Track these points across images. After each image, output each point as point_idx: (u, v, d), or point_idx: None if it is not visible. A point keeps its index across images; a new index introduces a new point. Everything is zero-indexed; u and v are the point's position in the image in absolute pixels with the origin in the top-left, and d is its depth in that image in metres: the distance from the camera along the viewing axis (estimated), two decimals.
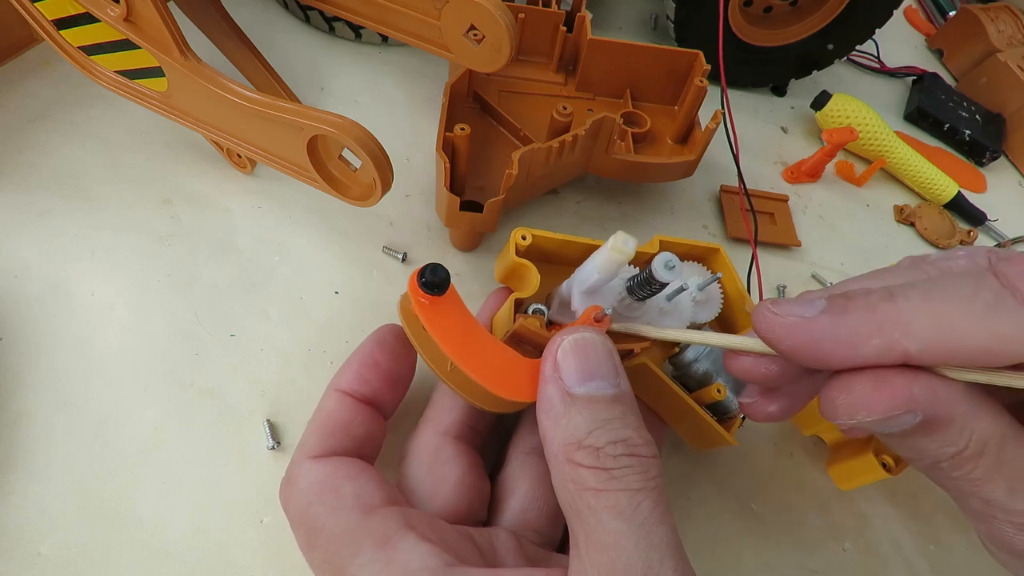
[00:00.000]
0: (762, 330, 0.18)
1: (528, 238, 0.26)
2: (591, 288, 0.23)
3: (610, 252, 0.22)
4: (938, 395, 0.16)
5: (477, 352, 0.22)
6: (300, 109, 0.28)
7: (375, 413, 0.25)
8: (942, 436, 0.17)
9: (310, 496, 0.22)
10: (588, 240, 0.26)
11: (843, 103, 0.47)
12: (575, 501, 0.19)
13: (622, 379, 0.21)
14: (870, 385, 0.17)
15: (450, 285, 0.22)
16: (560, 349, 0.21)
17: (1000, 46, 0.57)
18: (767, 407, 0.22)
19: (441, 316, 0.22)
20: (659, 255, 0.22)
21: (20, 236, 0.31)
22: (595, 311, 0.22)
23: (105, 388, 0.28)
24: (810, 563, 0.30)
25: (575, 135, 0.33)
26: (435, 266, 0.22)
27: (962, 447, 0.17)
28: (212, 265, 0.33)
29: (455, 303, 0.23)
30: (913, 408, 0.16)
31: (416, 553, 0.20)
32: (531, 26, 0.39)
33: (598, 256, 0.23)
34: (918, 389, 0.16)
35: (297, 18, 0.46)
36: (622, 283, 0.24)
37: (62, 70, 0.37)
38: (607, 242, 0.22)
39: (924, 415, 0.16)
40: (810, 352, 0.17)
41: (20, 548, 0.24)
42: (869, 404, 0.17)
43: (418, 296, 0.22)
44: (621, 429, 0.20)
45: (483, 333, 0.23)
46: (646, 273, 0.22)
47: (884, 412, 0.16)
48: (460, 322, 0.23)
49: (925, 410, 0.16)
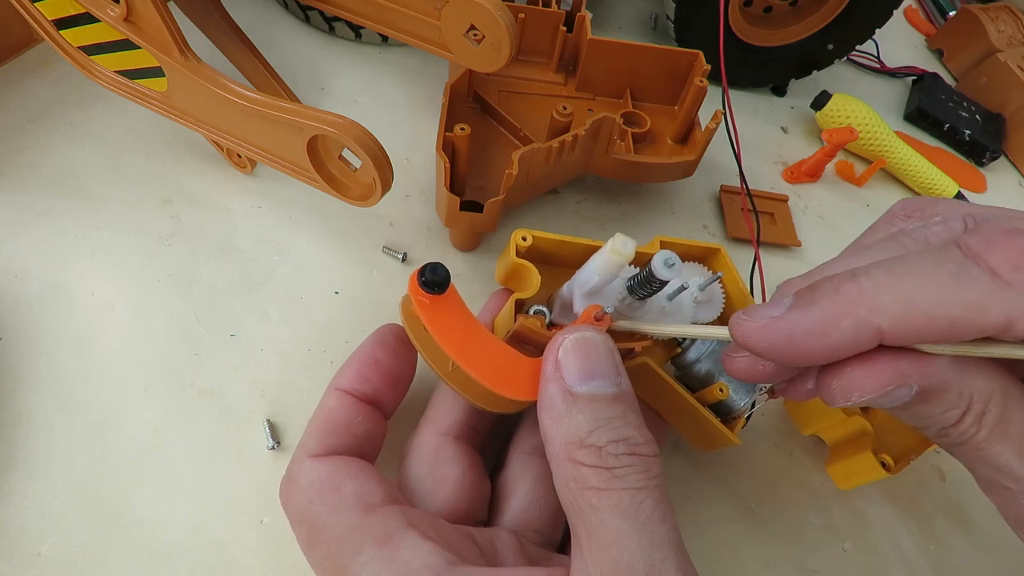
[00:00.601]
0: (738, 337, 0.19)
1: (528, 239, 0.26)
2: (592, 290, 0.23)
3: (609, 254, 0.22)
4: (926, 367, 0.17)
5: (478, 351, 0.22)
6: (300, 109, 0.28)
7: (376, 412, 0.25)
8: (941, 402, 0.17)
9: (311, 494, 0.22)
10: (588, 241, 0.26)
11: (843, 103, 0.47)
12: (577, 500, 0.19)
13: (623, 378, 0.21)
14: (858, 367, 0.17)
15: (450, 284, 0.22)
16: (561, 348, 0.21)
17: (1000, 46, 0.57)
18: (804, 385, 0.22)
19: (442, 315, 0.22)
20: (658, 253, 0.22)
21: (20, 236, 0.31)
22: (595, 310, 0.22)
23: (105, 388, 0.28)
24: (810, 563, 0.30)
25: (575, 135, 0.33)
26: (435, 265, 0.22)
27: (963, 408, 0.17)
28: (212, 265, 0.33)
29: (455, 302, 0.23)
30: (905, 382, 0.17)
31: (418, 551, 0.20)
32: (531, 26, 0.39)
33: (598, 258, 0.23)
34: (905, 363, 0.17)
35: (297, 18, 0.46)
36: (623, 283, 0.24)
37: (62, 70, 0.37)
38: (606, 244, 0.22)
39: (920, 386, 0.17)
40: (786, 349, 0.18)
41: (20, 548, 0.24)
42: (861, 385, 0.17)
43: (418, 296, 0.22)
44: (622, 428, 0.20)
45: (484, 332, 0.23)
46: (646, 272, 0.22)
47: (876, 390, 0.17)
48: (461, 321, 0.23)
49: (918, 382, 0.17)
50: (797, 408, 0.32)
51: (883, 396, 0.17)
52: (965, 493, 0.33)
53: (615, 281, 0.24)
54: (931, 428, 0.18)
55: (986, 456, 0.17)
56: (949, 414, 0.17)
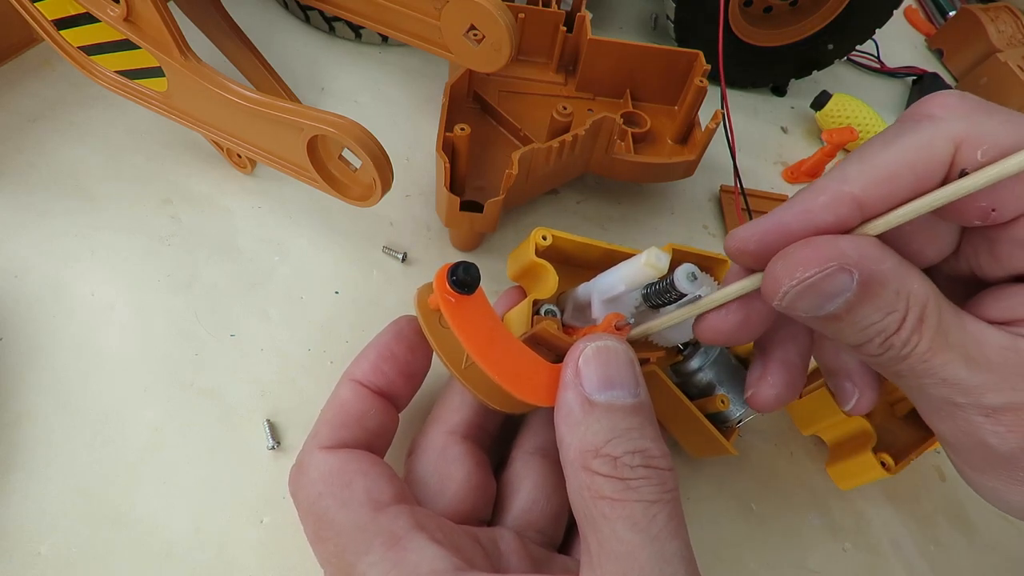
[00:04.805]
0: (731, 246, 0.20)
1: (549, 238, 0.25)
2: (613, 297, 0.23)
3: (644, 267, 0.22)
4: (864, 250, 0.17)
5: (500, 353, 0.22)
6: (300, 109, 0.28)
7: (389, 406, 0.25)
8: (880, 301, 0.17)
9: (320, 487, 0.22)
10: (608, 244, 0.26)
11: (843, 103, 0.47)
12: (589, 509, 0.19)
13: (642, 389, 0.21)
14: (802, 245, 0.18)
15: (479, 285, 0.22)
16: (582, 355, 0.21)
17: (1000, 46, 0.57)
18: (769, 390, 0.22)
19: (467, 315, 0.22)
20: (682, 266, 0.22)
21: (20, 236, 0.31)
22: (616, 319, 0.22)
23: (105, 388, 0.28)
24: (810, 563, 0.30)
25: (575, 135, 0.33)
26: (468, 265, 0.22)
27: (903, 311, 0.17)
28: (212, 265, 0.33)
29: (482, 303, 0.23)
30: (844, 262, 0.17)
31: (426, 555, 0.20)
32: (531, 26, 0.39)
33: (626, 268, 0.23)
34: (844, 243, 0.17)
35: (297, 18, 0.46)
36: (639, 292, 0.24)
37: (62, 70, 0.37)
38: (640, 256, 0.22)
39: (859, 275, 0.17)
40: (775, 236, 0.18)
41: (20, 548, 0.24)
42: (804, 261, 0.17)
43: (446, 293, 0.22)
44: (639, 439, 0.20)
45: (506, 334, 0.23)
46: (666, 283, 0.22)
47: (817, 265, 0.17)
48: (486, 323, 0.22)
49: (857, 265, 0.17)
50: (797, 408, 0.32)
51: (826, 282, 0.17)
52: (965, 493, 0.33)
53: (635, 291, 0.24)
54: (874, 341, 0.18)
55: (931, 369, 0.17)
56: (890, 318, 0.17)
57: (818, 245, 0.17)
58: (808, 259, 0.17)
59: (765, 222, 0.19)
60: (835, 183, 0.18)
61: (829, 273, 0.17)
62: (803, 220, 0.18)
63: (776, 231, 0.18)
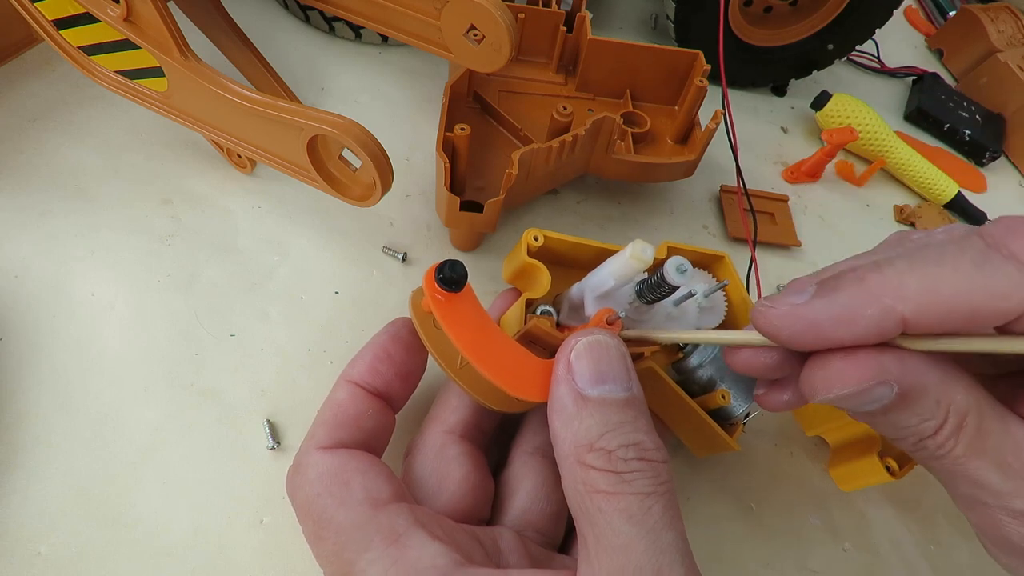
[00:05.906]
0: (761, 325, 0.19)
1: (540, 239, 0.25)
2: (605, 293, 0.23)
3: (629, 260, 0.22)
4: (908, 365, 0.17)
5: (491, 350, 0.22)
6: (300, 109, 0.28)
7: (386, 407, 0.25)
8: (919, 408, 0.17)
9: (319, 487, 0.22)
10: (599, 243, 0.26)
11: (843, 103, 0.47)
12: (585, 503, 0.19)
13: (634, 383, 0.21)
14: (843, 358, 0.17)
15: (467, 282, 0.22)
16: (574, 351, 0.21)
17: (1000, 46, 0.57)
18: (781, 396, 0.22)
19: (456, 313, 0.22)
20: (671, 259, 0.21)
21: (20, 236, 0.31)
22: (607, 314, 0.22)
23: (105, 388, 0.28)
24: (810, 563, 0.30)
25: (575, 135, 0.33)
26: (453, 263, 0.22)
27: (941, 419, 0.17)
28: (212, 265, 0.33)
29: (471, 301, 0.23)
30: (885, 379, 0.17)
31: (426, 551, 0.20)
32: (531, 26, 0.39)
33: (614, 263, 0.23)
34: (888, 359, 0.17)
35: (297, 18, 0.46)
36: (632, 287, 0.24)
37: (62, 70, 0.37)
38: (625, 250, 0.22)
39: (899, 387, 0.17)
40: (810, 336, 0.18)
41: (20, 548, 0.24)
42: (843, 377, 0.17)
43: (434, 292, 0.22)
44: (633, 433, 0.20)
45: (498, 332, 0.23)
46: (657, 277, 0.22)
47: (857, 383, 0.17)
48: (475, 320, 0.22)
49: (899, 380, 0.17)
50: (803, 409, 0.32)
51: (864, 393, 0.17)
52: None
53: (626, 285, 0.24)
54: (908, 439, 0.18)
55: (964, 471, 0.17)
56: (926, 424, 0.17)
57: (859, 361, 0.17)
58: (848, 376, 0.17)
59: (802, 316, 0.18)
60: (888, 298, 0.16)
61: (868, 388, 0.17)
62: (847, 332, 0.17)
63: (812, 332, 0.17)
